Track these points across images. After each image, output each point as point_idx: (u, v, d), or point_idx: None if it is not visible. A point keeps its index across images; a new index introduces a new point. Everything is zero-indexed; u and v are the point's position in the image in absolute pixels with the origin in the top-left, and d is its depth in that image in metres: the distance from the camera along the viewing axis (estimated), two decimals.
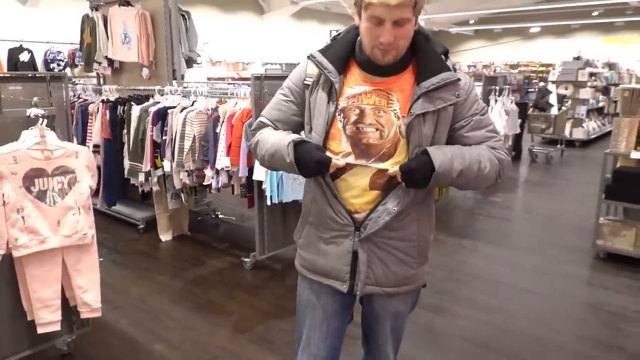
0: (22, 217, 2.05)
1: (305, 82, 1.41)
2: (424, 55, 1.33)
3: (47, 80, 2.21)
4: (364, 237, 1.36)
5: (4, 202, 1.99)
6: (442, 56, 1.35)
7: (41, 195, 2.10)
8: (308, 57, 1.40)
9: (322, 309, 1.51)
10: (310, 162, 1.32)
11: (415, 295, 1.58)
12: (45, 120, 2.09)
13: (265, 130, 1.48)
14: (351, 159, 1.33)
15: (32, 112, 2.08)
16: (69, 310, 2.36)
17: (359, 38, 1.34)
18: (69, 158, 2.17)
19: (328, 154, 1.33)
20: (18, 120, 2.11)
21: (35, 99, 2.16)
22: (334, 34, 1.50)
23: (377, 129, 1.32)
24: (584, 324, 2.97)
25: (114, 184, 4.40)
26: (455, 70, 1.34)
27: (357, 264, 1.39)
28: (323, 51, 1.38)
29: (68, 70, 9.29)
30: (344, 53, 1.36)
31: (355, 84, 1.35)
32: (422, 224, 1.43)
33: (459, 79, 1.32)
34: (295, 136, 1.38)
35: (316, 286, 1.50)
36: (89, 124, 4.43)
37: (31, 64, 8.72)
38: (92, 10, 4.96)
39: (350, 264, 1.40)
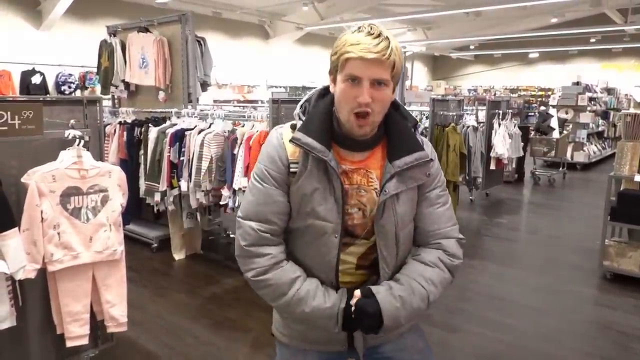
0: (58, 233, 2.15)
1: (290, 169, 1.24)
2: (396, 130, 1.28)
3: (84, 103, 2.34)
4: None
5: (42, 218, 2.09)
6: (412, 129, 1.31)
7: (76, 212, 2.20)
8: (291, 141, 1.22)
9: None
10: (364, 324, 1.21)
11: (422, 332, 1.48)
12: (83, 141, 2.21)
13: (279, 271, 1.25)
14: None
15: (71, 133, 2.20)
16: (94, 324, 2.43)
17: (334, 108, 1.25)
18: (103, 177, 2.28)
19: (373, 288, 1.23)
20: (56, 141, 2.23)
21: (72, 121, 2.28)
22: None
23: (359, 209, 1.26)
24: (593, 343, 3.03)
25: (128, 203, 4.46)
26: (422, 142, 1.30)
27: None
28: (304, 129, 1.23)
29: (78, 92, 9.52)
30: (325, 126, 1.24)
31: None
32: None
33: (431, 160, 1.28)
34: (335, 296, 1.24)
35: (301, 354, 1.37)
36: (105, 145, 4.55)
37: (43, 87, 8.95)
38: (110, 36, 5.14)
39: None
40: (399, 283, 1.26)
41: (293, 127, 1.28)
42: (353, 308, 1.20)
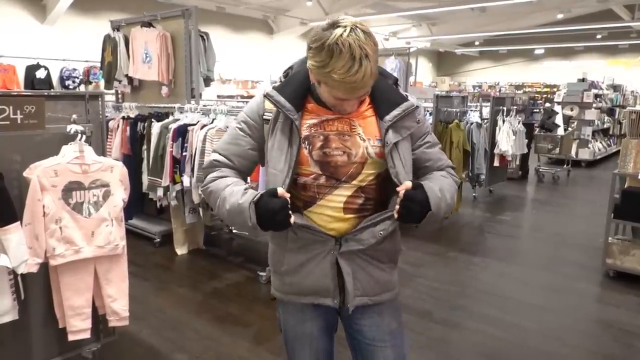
0: (60, 228, 2.15)
1: (264, 117, 1.40)
2: (380, 90, 1.37)
3: (86, 98, 2.34)
4: (345, 251, 1.38)
5: (44, 213, 2.09)
6: (394, 85, 1.42)
7: (78, 207, 2.20)
8: (264, 95, 1.39)
9: (310, 336, 1.52)
10: (273, 219, 1.29)
11: (399, 313, 1.57)
12: (84, 136, 2.21)
13: (219, 180, 1.42)
14: (322, 180, 1.37)
15: (73, 128, 2.20)
16: (96, 318, 2.44)
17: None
18: (105, 172, 2.28)
19: (279, 189, 1.31)
20: (58, 135, 2.23)
21: (74, 116, 2.28)
22: None
23: (344, 152, 1.35)
24: (596, 340, 3.02)
25: (131, 198, 4.48)
26: (407, 96, 1.41)
27: (342, 277, 1.40)
28: (279, 89, 1.37)
29: (82, 87, 9.54)
30: (301, 91, 1.37)
31: (316, 116, 1.37)
32: (395, 236, 1.49)
33: (417, 107, 1.39)
34: (250, 193, 1.33)
35: (299, 314, 1.50)
36: (108, 140, 4.56)
37: (47, 81, 8.97)
38: (114, 30, 5.15)
39: (335, 278, 1.41)
40: (432, 182, 1.40)
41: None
42: (402, 197, 1.30)
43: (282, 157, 1.35)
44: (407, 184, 1.32)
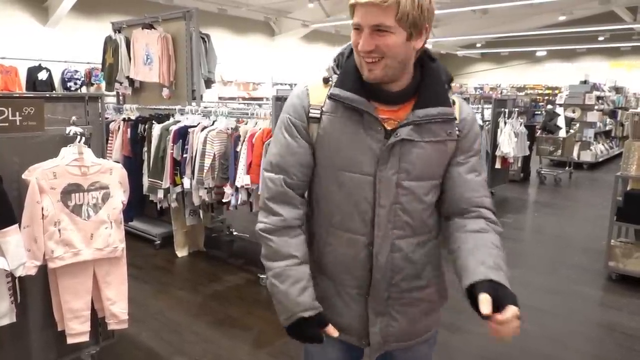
0: (59, 230, 2.14)
1: (310, 115, 1.22)
2: (428, 82, 1.21)
3: (86, 100, 2.33)
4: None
5: (43, 215, 2.08)
6: (446, 85, 1.25)
7: (77, 209, 2.19)
8: (330, 98, 1.20)
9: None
10: (301, 338, 1.21)
11: (434, 344, 1.47)
12: (84, 138, 2.20)
13: (284, 240, 1.23)
14: None
15: (72, 130, 2.19)
16: (95, 321, 2.43)
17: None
18: (104, 174, 2.27)
19: (330, 328, 1.20)
20: (57, 137, 2.22)
21: (73, 117, 2.27)
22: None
23: None
24: (599, 344, 3.00)
25: (132, 200, 4.47)
26: (453, 103, 1.23)
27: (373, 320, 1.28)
28: (339, 84, 1.20)
29: (84, 88, 9.54)
30: (360, 78, 1.19)
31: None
32: (434, 261, 1.33)
33: (454, 119, 1.22)
34: (304, 298, 1.19)
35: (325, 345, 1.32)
36: (109, 142, 4.55)
37: (49, 83, 8.97)
38: (115, 32, 5.15)
39: (366, 319, 1.28)
40: (490, 264, 1.17)
41: (325, 80, 1.25)
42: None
43: (367, 157, 1.19)
44: (486, 301, 1.07)
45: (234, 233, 4.96)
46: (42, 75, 8.87)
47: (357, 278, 1.26)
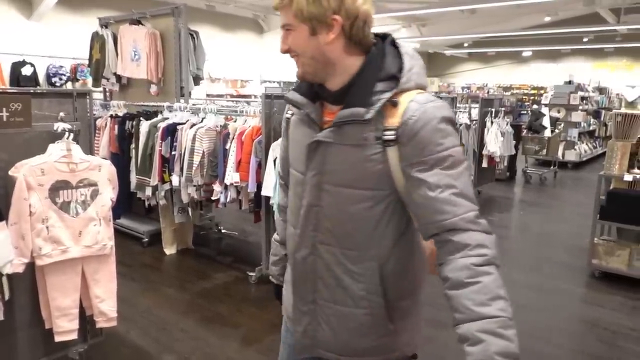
0: (47, 227, 2.13)
1: (286, 116, 1.33)
2: (358, 81, 1.10)
3: (74, 96, 2.31)
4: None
5: (30, 212, 2.06)
6: (384, 82, 1.07)
7: (65, 207, 2.18)
8: (284, 98, 1.28)
9: (288, 346, 1.44)
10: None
11: None
12: (72, 135, 2.18)
13: (279, 219, 1.50)
14: None
15: (60, 126, 2.18)
16: (83, 319, 2.42)
17: None
18: (92, 171, 2.25)
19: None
20: (44, 134, 2.20)
21: (61, 114, 2.25)
22: None
23: None
24: (581, 340, 3.06)
25: (119, 197, 4.42)
26: (395, 103, 1.06)
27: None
28: (296, 87, 1.24)
29: (69, 84, 9.41)
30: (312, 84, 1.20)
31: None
32: (373, 287, 1.17)
33: (366, 121, 1.05)
34: (274, 276, 1.54)
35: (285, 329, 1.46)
36: (96, 138, 4.51)
37: (33, 78, 8.82)
38: (102, 27, 5.09)
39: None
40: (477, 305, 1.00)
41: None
42: None
43: (302, 156, 1.25)
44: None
45: (223, 231, 4.96)
46: (26, 71, 8.72)
47: (290, 271, 1.33)
